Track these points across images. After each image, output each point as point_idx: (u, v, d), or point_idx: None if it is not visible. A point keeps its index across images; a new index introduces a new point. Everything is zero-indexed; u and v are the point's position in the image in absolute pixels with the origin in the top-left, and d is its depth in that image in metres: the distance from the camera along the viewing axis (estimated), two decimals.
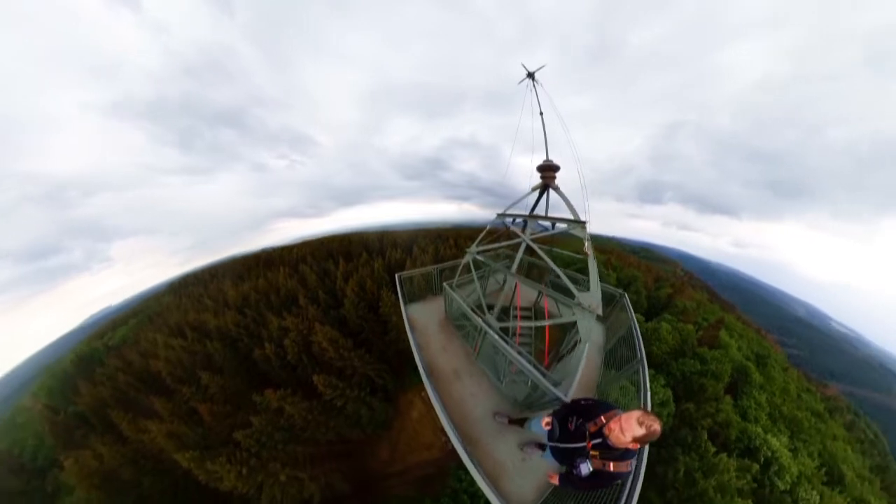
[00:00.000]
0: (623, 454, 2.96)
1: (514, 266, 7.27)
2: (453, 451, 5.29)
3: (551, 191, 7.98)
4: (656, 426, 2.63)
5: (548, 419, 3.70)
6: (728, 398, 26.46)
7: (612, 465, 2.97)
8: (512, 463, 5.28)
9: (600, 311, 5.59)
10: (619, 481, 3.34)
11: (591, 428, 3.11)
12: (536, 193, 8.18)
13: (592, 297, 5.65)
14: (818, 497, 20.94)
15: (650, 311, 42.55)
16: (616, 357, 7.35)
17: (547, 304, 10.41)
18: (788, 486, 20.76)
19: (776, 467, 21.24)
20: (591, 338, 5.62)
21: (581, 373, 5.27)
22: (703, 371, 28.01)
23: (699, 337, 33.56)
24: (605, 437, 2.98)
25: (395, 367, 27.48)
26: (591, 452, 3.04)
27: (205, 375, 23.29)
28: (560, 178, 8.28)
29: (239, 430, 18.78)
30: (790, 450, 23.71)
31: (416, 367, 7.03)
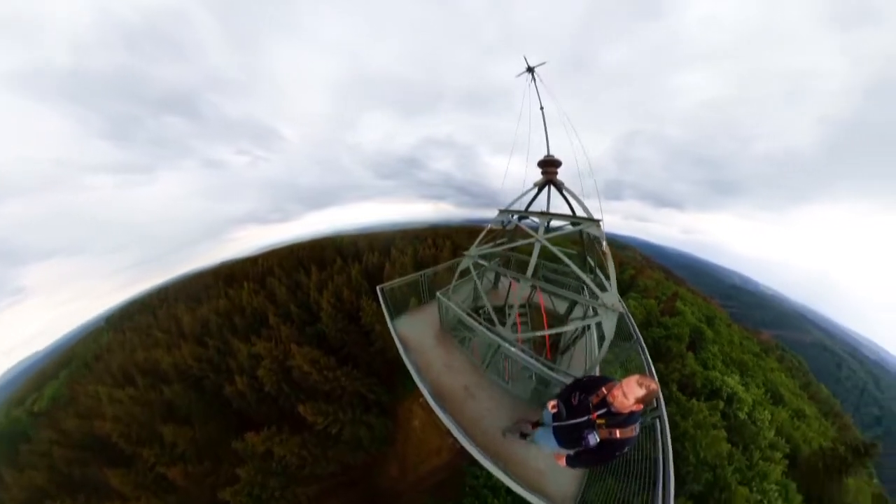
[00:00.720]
0: (627, 419, 3.18)
1: (530, 270, 6.69)
2: (463, 450, 5.33)
3: (552, 188, 7.84)
4: (654, 385, 3.00)
5: (553, 402, 3.98)
6: (690, 354, 31.47)
7: (618, 431, 3.17)
8: (545, 464, 5.16)
9: (622, 310, 5.88)
10: (626, 449, 3.47)
11: (594, 400, 3.35)
12: (534, 191, 7.93)
13: (613, 296, 5.88)
14: (769, 415, 26.01)
15: (618, 292, 47.74)
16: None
17: (542, 300, 9.79)
18: (747, 413, 25.07)
19: (736, 401, 25.55)
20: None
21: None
22: (667, 335, 33.35)
23: (661, 308, 40.15)
24: (608, 406, 3.21)
25: (385, 379, 26.03)
26: (598, 422, 3.26)
27: (168, 430, 20.10)
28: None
29: (224, 487, 16.47)
30: (742, 385, 28.70)
31: (407, 373, 6.79)
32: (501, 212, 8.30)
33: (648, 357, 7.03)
